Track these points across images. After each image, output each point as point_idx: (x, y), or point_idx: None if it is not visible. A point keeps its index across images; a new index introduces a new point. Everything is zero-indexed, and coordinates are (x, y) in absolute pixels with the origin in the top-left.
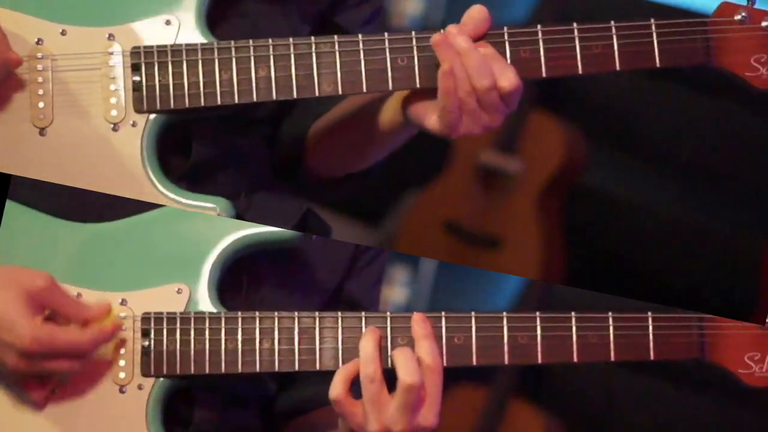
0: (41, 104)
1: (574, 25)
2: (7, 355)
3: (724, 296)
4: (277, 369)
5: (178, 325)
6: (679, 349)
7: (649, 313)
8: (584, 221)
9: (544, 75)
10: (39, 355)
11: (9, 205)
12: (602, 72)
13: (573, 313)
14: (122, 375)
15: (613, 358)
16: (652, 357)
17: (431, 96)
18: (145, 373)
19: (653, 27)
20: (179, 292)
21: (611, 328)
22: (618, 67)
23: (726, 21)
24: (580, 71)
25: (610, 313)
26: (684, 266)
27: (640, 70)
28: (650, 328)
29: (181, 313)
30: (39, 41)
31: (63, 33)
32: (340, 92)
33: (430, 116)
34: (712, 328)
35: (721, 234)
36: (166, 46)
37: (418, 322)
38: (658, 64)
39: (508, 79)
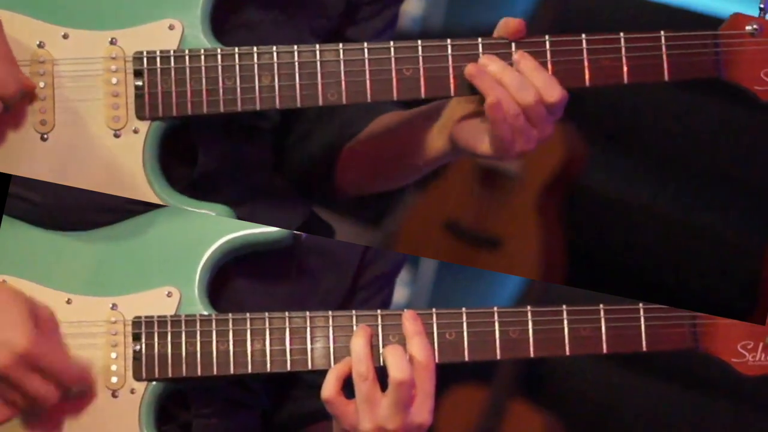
0: (43, 109)
1: (583, 36)
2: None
3: (725, 296)
4: (269, 369)
5: (169, 328)
6: (672, 340)
7: (641, 305)
8: (584, 221)
9: None
10: (29, 365)
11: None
12: (610, 85)
13: (564, 306)
14: (114, 379)
15: (605, 351)
16: (644, 348)
17: (477, 119)
18: (138, 377)
19: (663, 39)
20: (169, 295)
21: (603, 321)
22: (626, 80)
23: (737, 34)
24: (588, 83)
25: (601, 306)
26: (684, 266)
27: (648, 83)
28: (642, 319)
29: (171, 316)
30: (41, 44)
31: (65, 36)
32: (344, 102)
33: (482, 141)
34: (705, 318)
35: (721, 234)
36: (169, 51)
37: (409, 320)
38: (666, 78)
39: (553, 93)
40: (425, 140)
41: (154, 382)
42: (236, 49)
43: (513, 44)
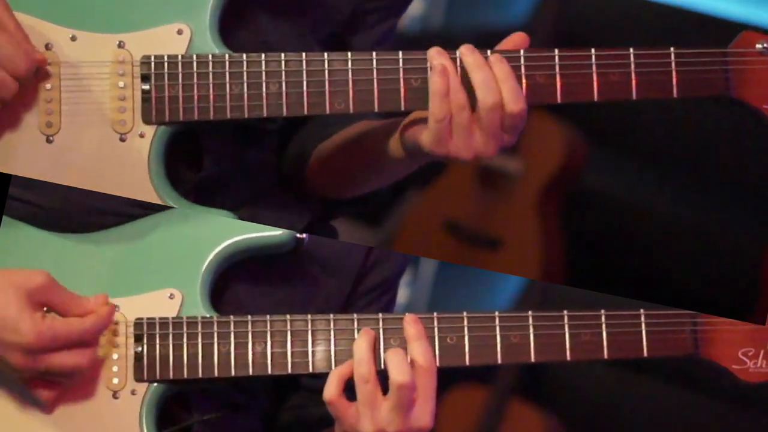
0: (49, 111)
1: (592, 51)
2: (13, 356)
3: (724, 296)
4: (270, 372)
5: (170, 330)
6: (673, 346)
7: (642, 311)
8: (584, 221)
9: (559, 101)
10: (44, 350)
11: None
12: (618, 100)
13: (565, 312)
14: (115, 380)
15: (606, 356)
16: (645, 354)
17: (425, 120)
18: (139, 379)
19: (672, 56)
20: (171, 297)
21: (604, 326)
22: (635, 96)
23: (746, 52)
24: (596, 98)
25: (602, 311)
26: (684, 266)
27: (655, 100)
28: (643, 325)
29: (173, 318)
30: (48, 46)
31: (73, 39)
32: (351, 111)
33: (423, 133)
34: (706, 324)
35: (721, 234)
36: (176, 56)
37: (410, 323)
38: (675, 95)
39: (515, 101)
40: (386, 148)
41: (155, 384)
42: (244, 56)
43: (522, 57)
